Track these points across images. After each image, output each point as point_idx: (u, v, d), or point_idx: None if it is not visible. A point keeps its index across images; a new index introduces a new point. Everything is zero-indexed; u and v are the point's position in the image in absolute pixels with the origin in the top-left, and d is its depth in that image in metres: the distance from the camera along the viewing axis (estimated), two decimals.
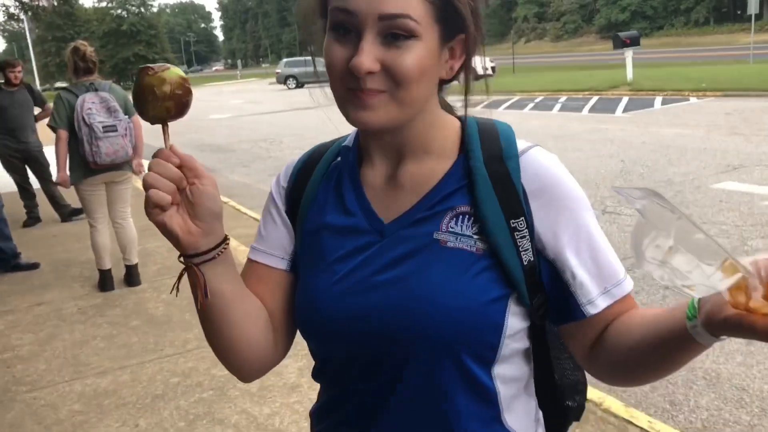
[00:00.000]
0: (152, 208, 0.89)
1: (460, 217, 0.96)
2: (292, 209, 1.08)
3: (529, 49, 63.10)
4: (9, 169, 7.58)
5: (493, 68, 27.00)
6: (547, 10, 70.58)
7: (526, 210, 0.95)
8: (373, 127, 0.91)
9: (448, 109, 1.07)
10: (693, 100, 15.63)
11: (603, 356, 0.97)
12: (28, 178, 7.69)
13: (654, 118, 13.25)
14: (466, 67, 0.97)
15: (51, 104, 5.53)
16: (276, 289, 1.07)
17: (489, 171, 0.97)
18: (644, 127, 11.97)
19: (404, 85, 0.88)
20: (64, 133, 5.01)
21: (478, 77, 0.98)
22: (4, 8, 10.48)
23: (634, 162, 8.98)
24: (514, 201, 0.95)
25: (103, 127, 4.88)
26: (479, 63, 0.98)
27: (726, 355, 3.67)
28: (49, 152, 5.51)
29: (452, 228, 0.96)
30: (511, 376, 0.98)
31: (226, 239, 0.95)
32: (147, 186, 0.88)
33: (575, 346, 1.01)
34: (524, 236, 0.95)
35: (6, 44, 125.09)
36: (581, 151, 10.13)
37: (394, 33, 0.87)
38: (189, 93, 0.92)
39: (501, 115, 17.02)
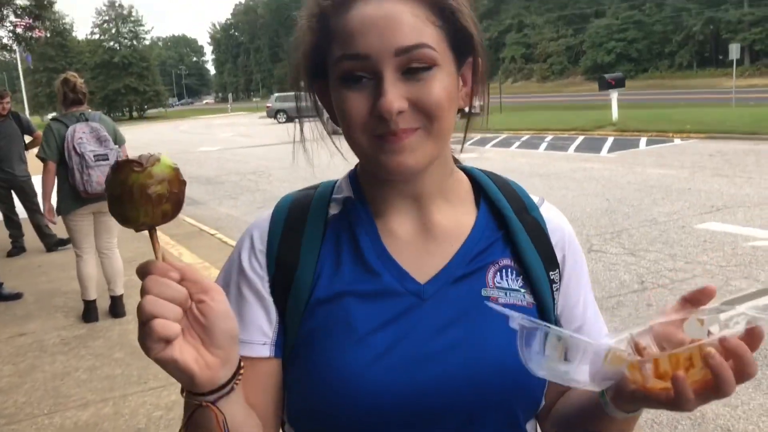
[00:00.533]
0: (155, 342, 0.68)
1: (504, 270, 0.91)
2: (281, 277, 0.90)
3: (516, 88, 64.00)
4: None
5: (480, 106, 27.14)
6: (534, 51, 71.78)
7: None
8: (415, 170, 0.83)
9: None
10: (677, 141, 15.87)
11: (550, 418, 0.97)
12: (14, 207, 7.65)
13: (639, 158, 13.43)
14: (473, 91, 0.91)
15: (41, 132, 5.54)
16: (262, 383, 0.89)
17: (521, 221, 0.94)
18: (629, 167, 12.12)
19: (437, 117, 0.82)
20: (52, 165, 5.03)
21: (464, 115, 0.94)
22: None
23: (619, 201, 9.08)
24: (550, 252, 0.94)
25: (94, 156, 4.90)
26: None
27: None
28: (38, 182, 5.51)
29: (499, 283, 0.90)
30: (533, 427, 0.97)
31: (241, 363, 0.77)
32: (147, 315, 0.67)
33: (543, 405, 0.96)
34: (557, 289, 0.94)
35: None
36: (567, 189, 10.23)
37: (414, 66, 0.80)
38: (184, 185, 0.74)
39: (488, 152, 17.14)
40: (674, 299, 0.70)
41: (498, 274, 0.91)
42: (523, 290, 0.91)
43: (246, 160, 18.36)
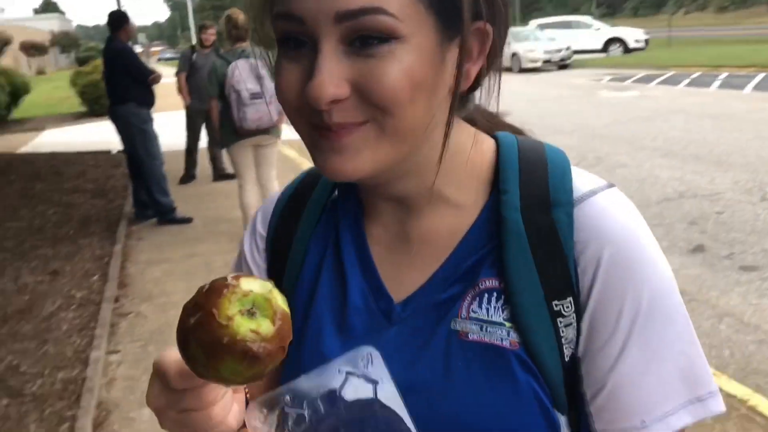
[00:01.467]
0: None
1: (486, 295, 0.68)
2: (274, 265, 0.79)
3: (688, 21, 58.83)
4: (189, 127, 8.10)
5: (646, 41, 25.51)
6: None
7: (576, 287, 0.67)
8: (355, 177, 0.64)
9: (484, 121, 0.76)
10: None
11: None
12: (198, 139, 8.19)
13: None
14: (489, 69, 0.68)
15: None
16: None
17: (527, 224, 0.67)
18: None
19: (391, 109, 0.60)
20: (214, 101, 5.36)
21: (628, 50, 0.72)
22: None
23: None
24: (562, 272, 0.66)
25: (250, 94, 5.12)
26: (630, 35, 0.70)
27: None
28: None
29: (475, 313, 0.67)
30: None
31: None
32: None
33: None
34: (570, 324, 0.67)
35: (170, 12, 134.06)
36: (741, 131, 9.37)
37: (364, 36, 0.59)
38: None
39: (651, 90, 16.01)
40: None
41: (476, 300, 0.68)
42: (507, 324, 0.66)
43: None
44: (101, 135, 12.40)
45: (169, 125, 9.64)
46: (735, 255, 4.88)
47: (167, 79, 7.98)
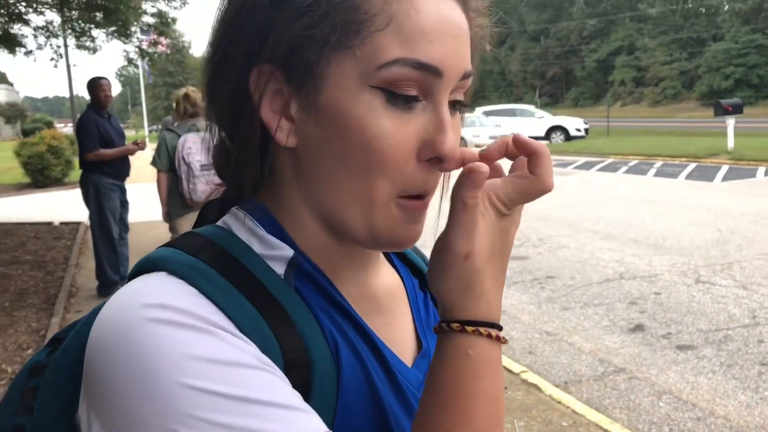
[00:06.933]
0: None
1: None
2: (294, 380, 0.54)
3: (625, 112, 61.99)
4: None
5: (586, 130, 26.72)
6: (646, 74, 69.43)
7: None
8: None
9: None
10: None
11: None
12: None
13: (756, 188, 12.68)
14: None
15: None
16: None
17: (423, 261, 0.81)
18: (744, 197, 11.47)
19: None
20: (163, 175, 5.37)
21: (569, 138, 0.81)
22: (124, 53, 11.35)
23: (731, 232, 8.61)
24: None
25: (200, 166, 5.16)
26: (571, 123, 0.78)
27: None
28: (152, 189, 5.83)
29: None
30: None
31: None
32: None
33: None
34: None
35: (121, 87, 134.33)
36: (675, 217, 9.81)
37: (458, 99, 0.60)
38: None
39: (594, 176, 16.48)
40: None
41: None
42: None
43: None
44: (44, 206, 12.15)
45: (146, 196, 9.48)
46: (672, 335, 5.02)
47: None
